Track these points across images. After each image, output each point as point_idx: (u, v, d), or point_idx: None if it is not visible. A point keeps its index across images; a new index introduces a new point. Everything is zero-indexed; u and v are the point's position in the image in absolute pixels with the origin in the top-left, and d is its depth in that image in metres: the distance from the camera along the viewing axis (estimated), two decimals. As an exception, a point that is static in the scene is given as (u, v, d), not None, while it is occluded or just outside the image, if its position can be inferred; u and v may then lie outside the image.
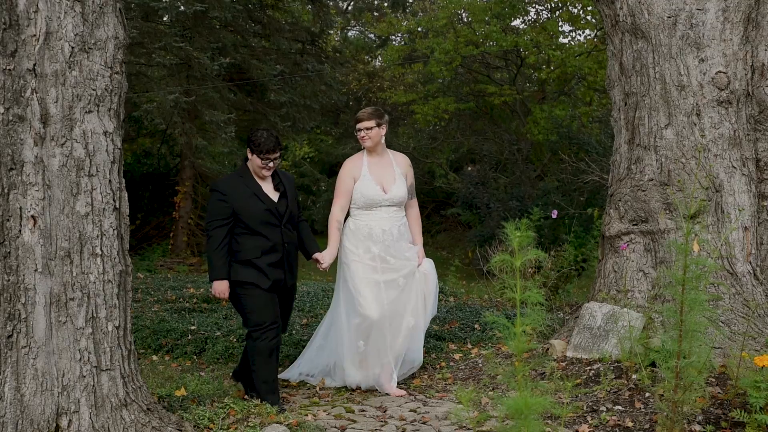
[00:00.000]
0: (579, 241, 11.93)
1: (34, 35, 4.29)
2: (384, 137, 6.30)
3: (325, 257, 6.02)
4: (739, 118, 6.17)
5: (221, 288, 5.68)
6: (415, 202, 6.48)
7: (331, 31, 22.81)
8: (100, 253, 4.44)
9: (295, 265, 5.94)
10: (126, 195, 4.67)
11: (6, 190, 4.21)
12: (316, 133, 23.83)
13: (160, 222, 20.09)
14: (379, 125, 6.22)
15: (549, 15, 20.74)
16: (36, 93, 4.28)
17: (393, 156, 6.41)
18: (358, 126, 6.23)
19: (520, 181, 18.35)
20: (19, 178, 4.23)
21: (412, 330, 6.19)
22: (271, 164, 5.70)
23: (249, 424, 5.04)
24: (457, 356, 7.06)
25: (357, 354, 6.14)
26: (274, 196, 5.79)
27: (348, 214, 6.34)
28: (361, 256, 6.13)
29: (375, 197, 6.16)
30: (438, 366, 6.85)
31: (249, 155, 5.74)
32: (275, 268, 5.72)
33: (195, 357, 7.58)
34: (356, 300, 6.08)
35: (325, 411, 5.70)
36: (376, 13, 26.32)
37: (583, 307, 6.32)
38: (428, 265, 6.38)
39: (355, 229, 6.21)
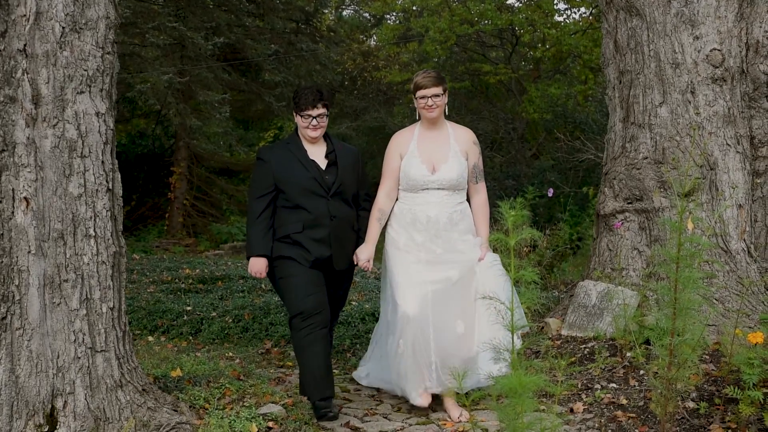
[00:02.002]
0: (574, 220, 11.95)
1: (24, 15, 4.25)
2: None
3: (360, 255, 5.26)
4: (734, 95, 6.15)
5: (257, 266, 5.15)
6: (482, 187, 5.40)
7: (326, 11, 22.68)
8: (94, 234, 4.43)
9: (347, 246, 5.25)
10: (119, 176, 4.64)
11: (-2, 172, 4.19)
12: (311, 112, 23.74)
13: (155, 203, 20.09)
14: (445, 91, 5.22)
15: (544, -7, 20.64)
16: (27, 74, 4.24)
17: (453, 130, 5.34)
18: (423, 93, 5.15)
19: (516, 160, 18.35)
20: (12, 159, 4.20)
21: (462, 337, 5.10)
22: (314, 122, 5.15)
23: (245, 404, 5.05)
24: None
25: (398, 356, 5.15)
26: (323, 164, 5.22)
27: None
28: (402, 245, 5.20)
29: (419, 178, 5.18)
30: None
31: (295, 117, 5.25)
32: (320, 245, 5.13)
33: (191, 337, 7.60)
34: (394, 293, 5.14)
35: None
36: (370, -8, 26.17)
37: (578, 285, 6.33)
38: (492, 258, 5.20)
39: (399, 213, 5.28)
